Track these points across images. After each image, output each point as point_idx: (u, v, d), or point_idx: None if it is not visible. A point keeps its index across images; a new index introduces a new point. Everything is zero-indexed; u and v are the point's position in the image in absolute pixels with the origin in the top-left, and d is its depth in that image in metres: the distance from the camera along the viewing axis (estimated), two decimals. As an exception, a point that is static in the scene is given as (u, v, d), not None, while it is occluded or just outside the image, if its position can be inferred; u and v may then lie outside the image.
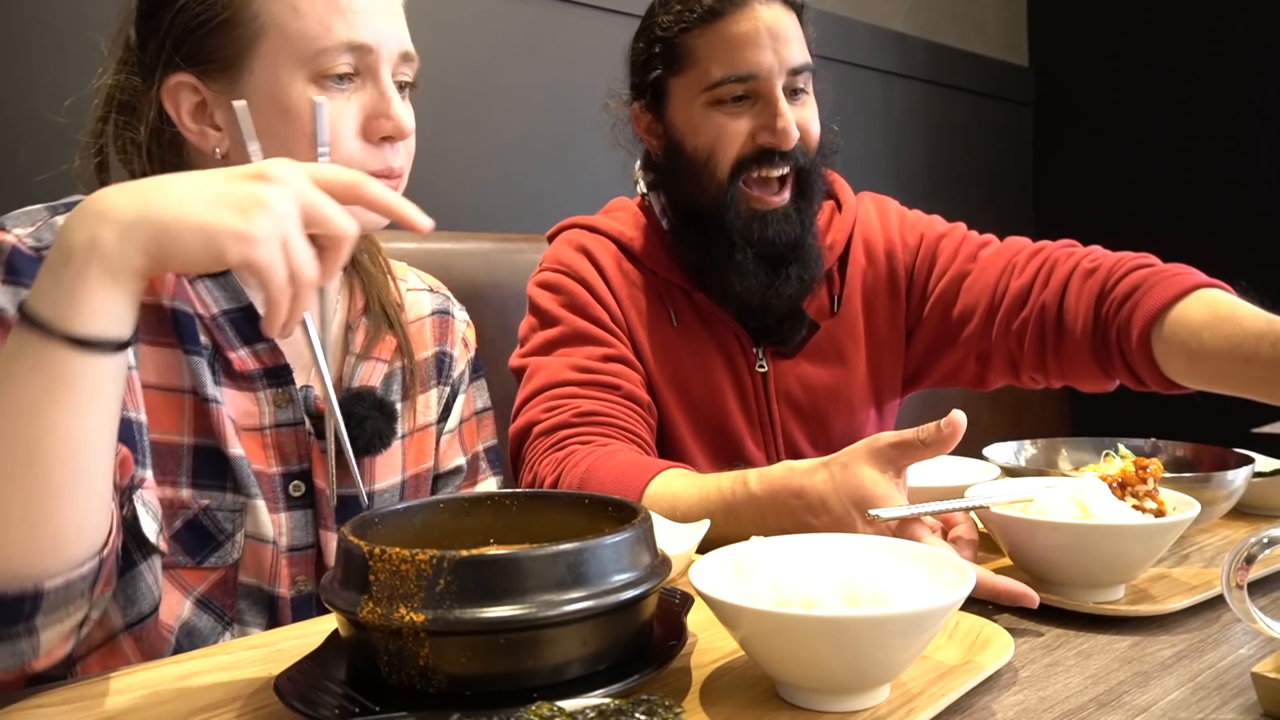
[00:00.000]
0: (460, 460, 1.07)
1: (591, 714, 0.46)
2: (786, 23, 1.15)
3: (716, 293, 1.22)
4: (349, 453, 0.78)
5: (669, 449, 1.22)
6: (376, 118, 0.87)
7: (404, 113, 0.88)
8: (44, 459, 0.63)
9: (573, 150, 1.96)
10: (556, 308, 1.21)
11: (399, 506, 0.69)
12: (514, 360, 1.22)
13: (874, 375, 1.29)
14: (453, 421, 1.07)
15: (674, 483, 0.98)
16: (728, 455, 1.22)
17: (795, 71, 1.15)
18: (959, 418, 0.80)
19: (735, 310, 1.22)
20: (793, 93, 1.16)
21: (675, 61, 1.17)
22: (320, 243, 0.67)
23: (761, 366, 1.24)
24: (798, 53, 1.15)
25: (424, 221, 0.70)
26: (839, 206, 1.30)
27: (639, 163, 1.30)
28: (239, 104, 0.80)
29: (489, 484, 1.10)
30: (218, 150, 0.86)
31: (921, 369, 1.30)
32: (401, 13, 0.90)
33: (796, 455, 1.23)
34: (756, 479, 0.92)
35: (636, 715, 0.46)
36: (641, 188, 1.29)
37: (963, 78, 2.90)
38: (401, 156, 0.90)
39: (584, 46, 1.97)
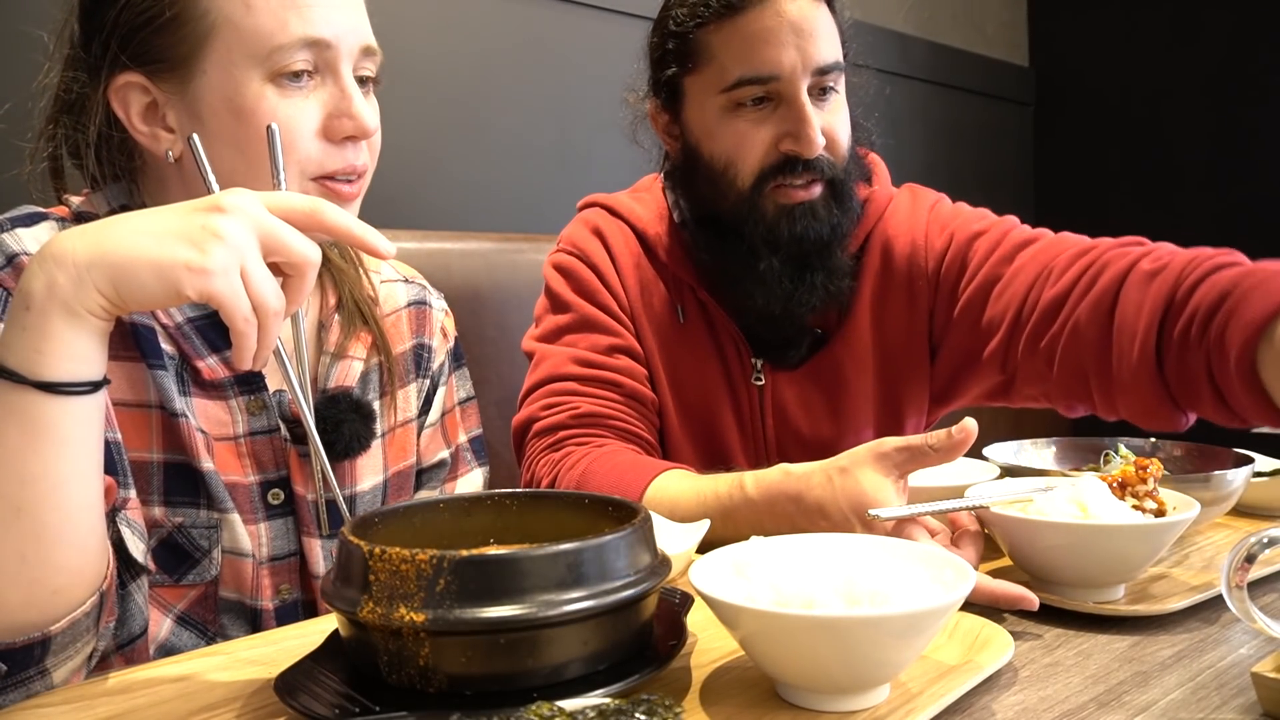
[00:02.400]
0: (444, 454, 1.04)
1: (591, 714, 0.46)
2: (814, 16, 1.05)
3: (730, 302, 1.15)
4: (330, 476, 0.75)
5: (663, 444, 1.19)
6: (338, 117, 0.83)
7: (366, 111, 0.84)
8: (32, 506, 0.63)
9: (573, 150, 1.96)
10: (567, 292, 1.18)
11: (399, 506, 0.69)
12: (525, 342, 1.21)
13: (887, 392, 1.18)
14: (434, 415, 1.04)
15: (672, 486, 0.98)
16: (719, 461, 1.19)
17: (823, 71, 1.05)
18: (971, 426, 0.79)
19: (752, 319, 1.15)
20: (820, 93, 1.07)
21: (690, 59, 1.08)
22: (284, 270, 0.66)
23: (758, 379, 1.17)
24: (827, 50, 1.05)
25: (386, 247, 0.68)
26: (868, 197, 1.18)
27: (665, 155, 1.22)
28: (194, 137, 0.76)
29: (474, 476, 1.07)
30: (170, 153, 0.82)
31: (949, 388, 1.17)
32: (362, 4, 0.86)
33: None
34: (753, 483, 0.91)
35: (636, 715, 0.45)
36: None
37: (963, 78, 2.90)
38: (364, 154, 0.86)
39: (584, 46, 1.97)
